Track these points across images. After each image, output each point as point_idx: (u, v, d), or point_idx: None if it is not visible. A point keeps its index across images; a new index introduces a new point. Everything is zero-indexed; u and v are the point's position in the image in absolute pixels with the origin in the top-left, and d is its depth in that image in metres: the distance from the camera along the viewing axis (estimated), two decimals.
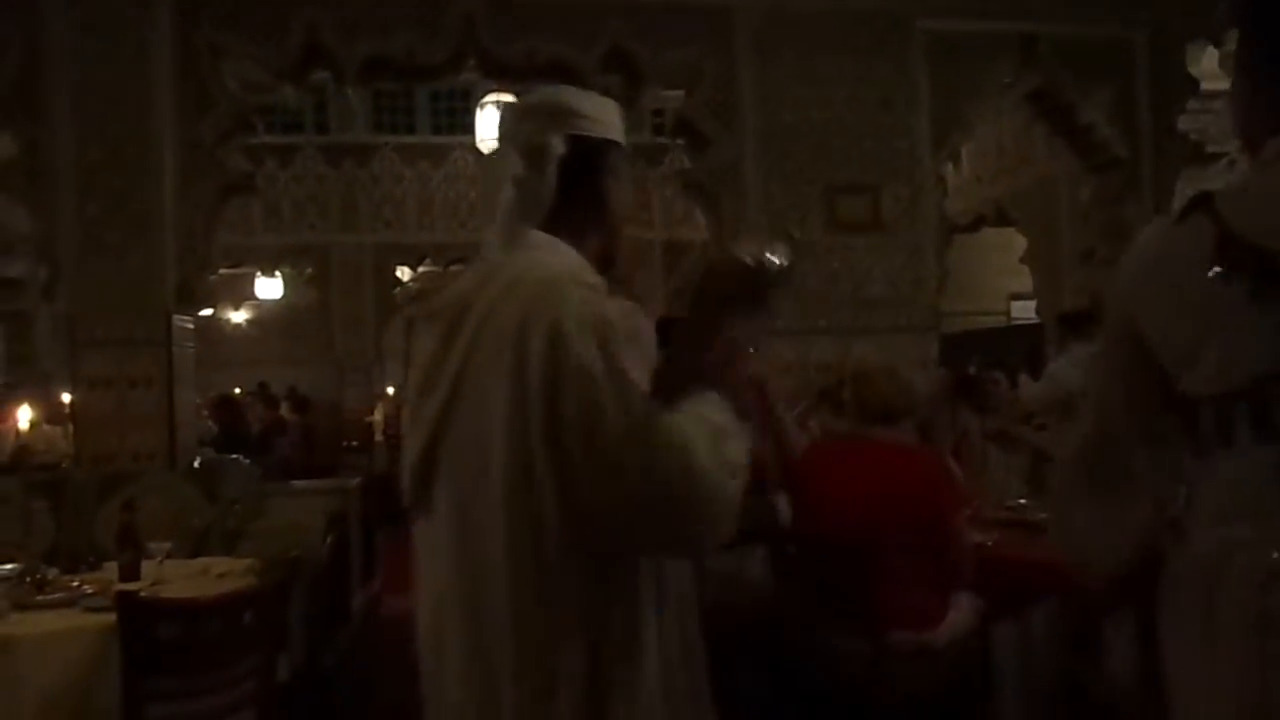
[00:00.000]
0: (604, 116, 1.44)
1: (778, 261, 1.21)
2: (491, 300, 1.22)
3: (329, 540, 4.08)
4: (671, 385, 1.17)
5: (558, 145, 1.34)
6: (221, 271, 11.46)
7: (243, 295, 12.94)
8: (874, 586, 2.50)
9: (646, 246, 10.29)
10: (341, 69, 4.31)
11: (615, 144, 1.44)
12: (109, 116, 3.98)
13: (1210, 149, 5.07)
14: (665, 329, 1.36)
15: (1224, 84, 4.89)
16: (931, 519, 2.54)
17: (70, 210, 3.96)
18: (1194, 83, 4.96)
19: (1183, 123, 5.02)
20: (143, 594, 2.36)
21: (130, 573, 2.75)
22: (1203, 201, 1.16)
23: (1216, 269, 1.10)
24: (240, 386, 10.97)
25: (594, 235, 1.38)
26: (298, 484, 4.64)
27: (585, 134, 1.38)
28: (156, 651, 2.10)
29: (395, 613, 5.58)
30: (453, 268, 11.79)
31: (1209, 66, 4.92)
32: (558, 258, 1.29)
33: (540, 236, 1.31)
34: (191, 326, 4.19)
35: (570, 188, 1.34)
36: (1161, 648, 1.17)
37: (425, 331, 1.31)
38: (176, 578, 2.77)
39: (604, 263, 1.37)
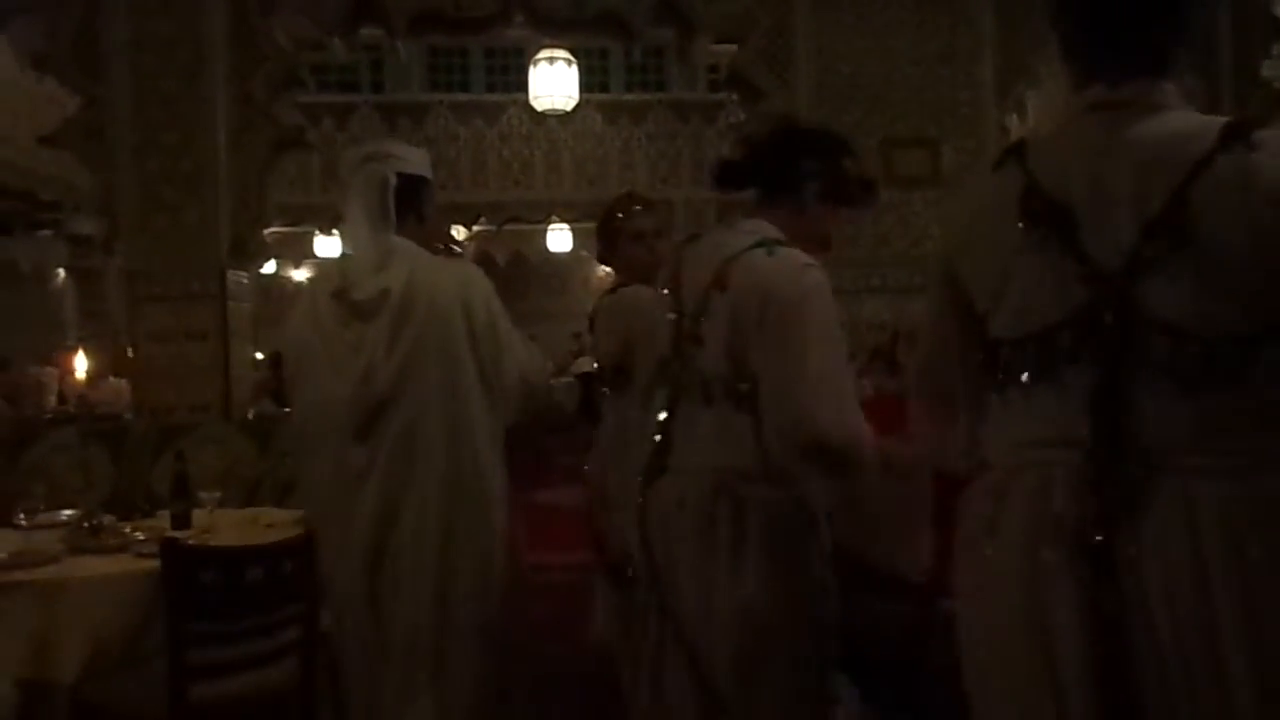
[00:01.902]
0: (419, 158, 2.34)
1: None
2: (427, 281, 2.15)
3: None
4: None
5: (392, 179, 2.20)
6: (281, 230, 11.69)
7: (303, 253, 13.13)
8: None
9: (703, 205, 10.17)
10: (391, 23, 4.29)
11: (426, 179, 2.32)
12: (165, 73, 4.02)
13: None
14: None
15: None
16: None
17: (129, 167, 4.03)
18: (1279, 25, 4.69)
19: (1266, 69, 4.75)
20: (189, 541, 2.41)
21: (181, 521, 2.81)
22: (1016, 150, 1.19)
23: (1020, 219, 1.14)
24: None
25: (416, 236, 2.22)
26: None
27: (408, 172, 2.24)
28: (199, 597, 2.14)
29: None
30: (507, 226, 11.82)
31: None
32: (414, 248, 2.21)
33: (400, 239, 2.19)
34: (246, 281, 4.25)
35: (401, 205, 2.20)
36: (955, 567, 1.24)
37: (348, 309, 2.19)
38: (226, 526, 2.82)
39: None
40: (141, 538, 2.59)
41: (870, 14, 4.49)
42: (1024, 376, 1.15)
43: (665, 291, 1.87)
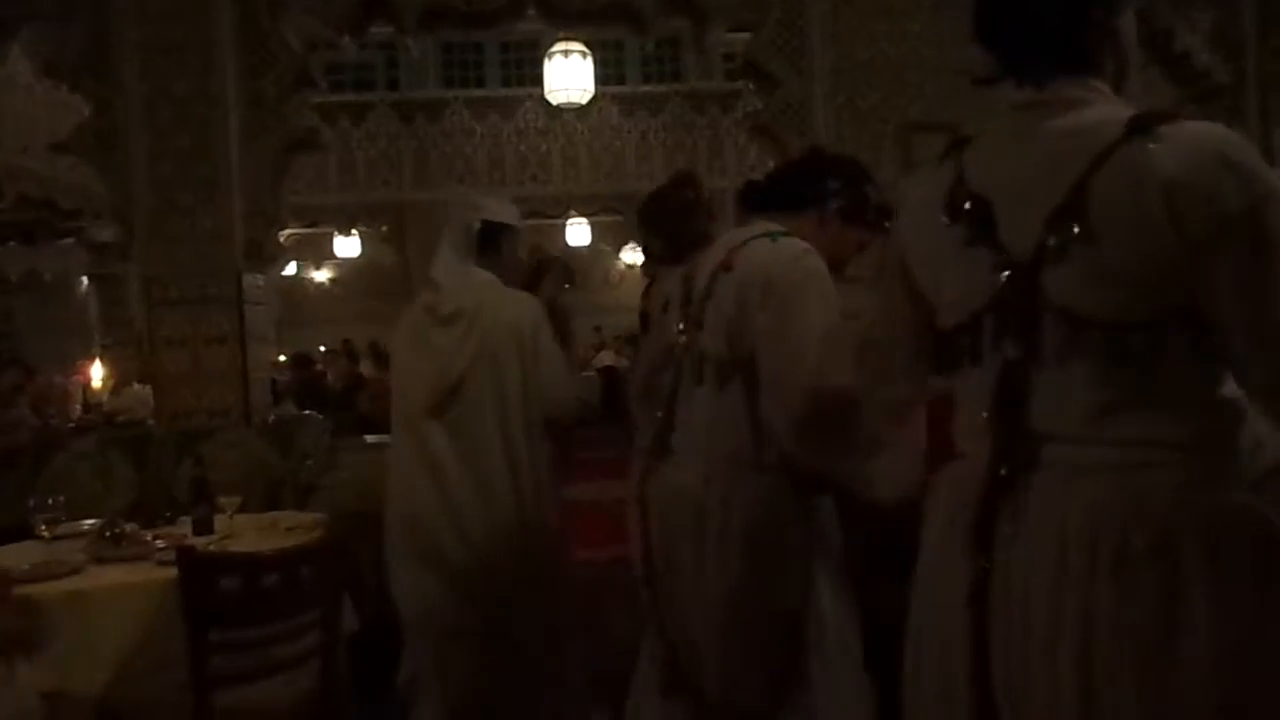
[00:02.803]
0: (504, 209, 2.79)
1: None
2: (493, 303, 2.64)
3: None
4: None
5: (475, 225, 2.70)
6: (300, 230, 11.75)
7: (323, 254, 13.20)
8: None
9: (719, 195, 10.11)
10: (401, 19, 4.26)
11: (508, 225, 2.77)
12: (175, 76, 4.01)
13: None
14: None
15: None
16: None
17: (142, 172, 4.02)
18: None
19: None
20: (209, 548, 2.40)
21: (203, 527, 2.80)
22: (959, 145, 1.25)
23: (947, 212, 1.20)
24: (325, 344, 11.23)
25: (494, 267, 2.71)
26: (370, 438, 4.69)
27: (490, 219, 2.72)
28: (218, 604, 2.13)
29: None
30: (527, 221, 11.84)
31: None
32: (489, 278, 2.69)
33: (479, 270, 2.69)
34: (262, 284, 4.24)
35: (483, 244, 2.70)
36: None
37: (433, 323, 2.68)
38: (246, 531, 2.82)
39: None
40: (162, 545, 2.59)
41: None
42: (959, 365, 1.21)
43: (680, 287, 1.99)
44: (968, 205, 1.19)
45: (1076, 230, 1.08)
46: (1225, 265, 1.04)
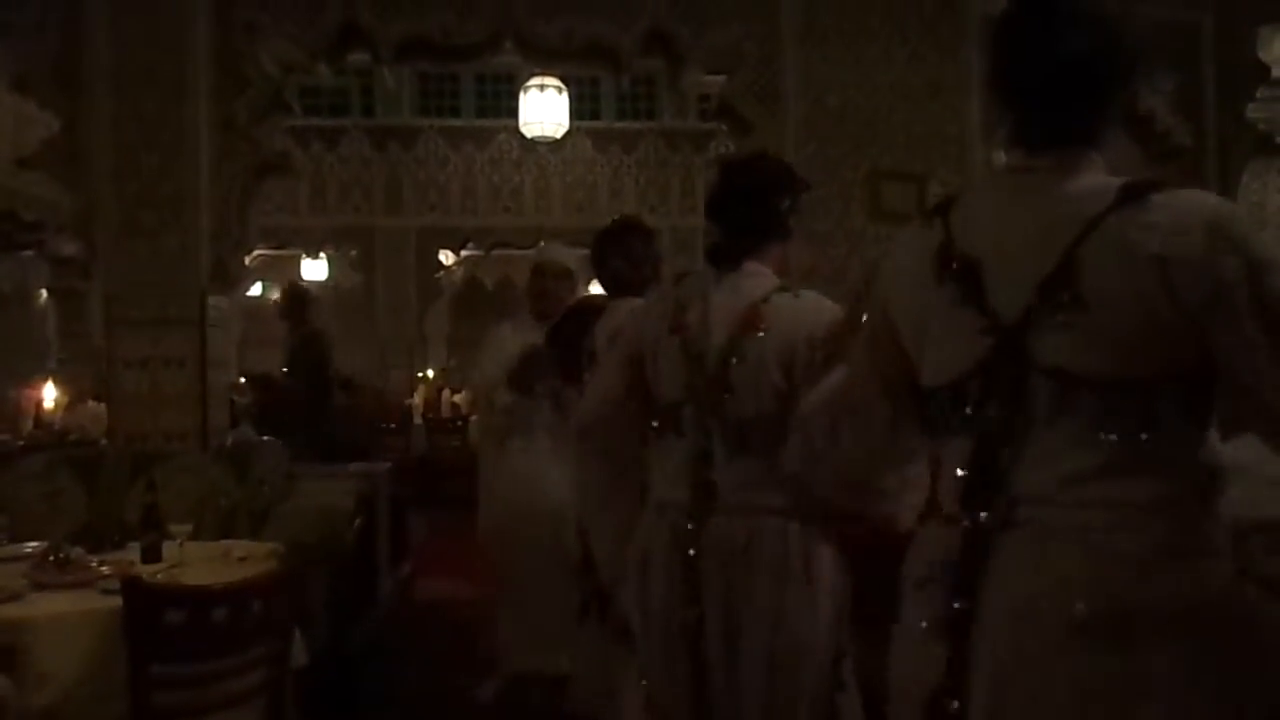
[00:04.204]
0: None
1: None
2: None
3: (356, 523, 4.07)
4: None
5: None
6: (267, 253, 11.63)
7: (290, 277, 13.08)
8: None
9: (690, 234, 10.17)
10: (378, 49, 4.26)
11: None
12: (146, 95, 3.98)
13: (1278, 140, 4.83)
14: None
15: None
16: None
17: (108, 190, 3.98)
18: (1264, 69, 4.72)
19: (1251, 111, 4.78)
20: (156, 577, 2.34)
21: (152, 554, 2.73)
22: (944, 208, 1.26)
23: (936, 273, 1.21)
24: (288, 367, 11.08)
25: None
26: (329, 466, 4.63)
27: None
28: (163, 638, 2.07)
29: (429, 596, 5.59)
30: (496, 252, 11.80)
31: (1279, 52, 4.68)
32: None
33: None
34: (226, 307, 4.19)
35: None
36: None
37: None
38: (197, 560, 2.75)
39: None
40: (107, 572, 2.52)
41: (858, 48, 4.50)
42: (942, 426, 1.22)
43: (672, 334, 1.91)
44: (956, 266, 1.19)
45: (1067, 297, 1.09)
46: (1230, 334, 1.05)
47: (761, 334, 1.80)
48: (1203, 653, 1.05)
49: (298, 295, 6.54)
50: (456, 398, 11.85)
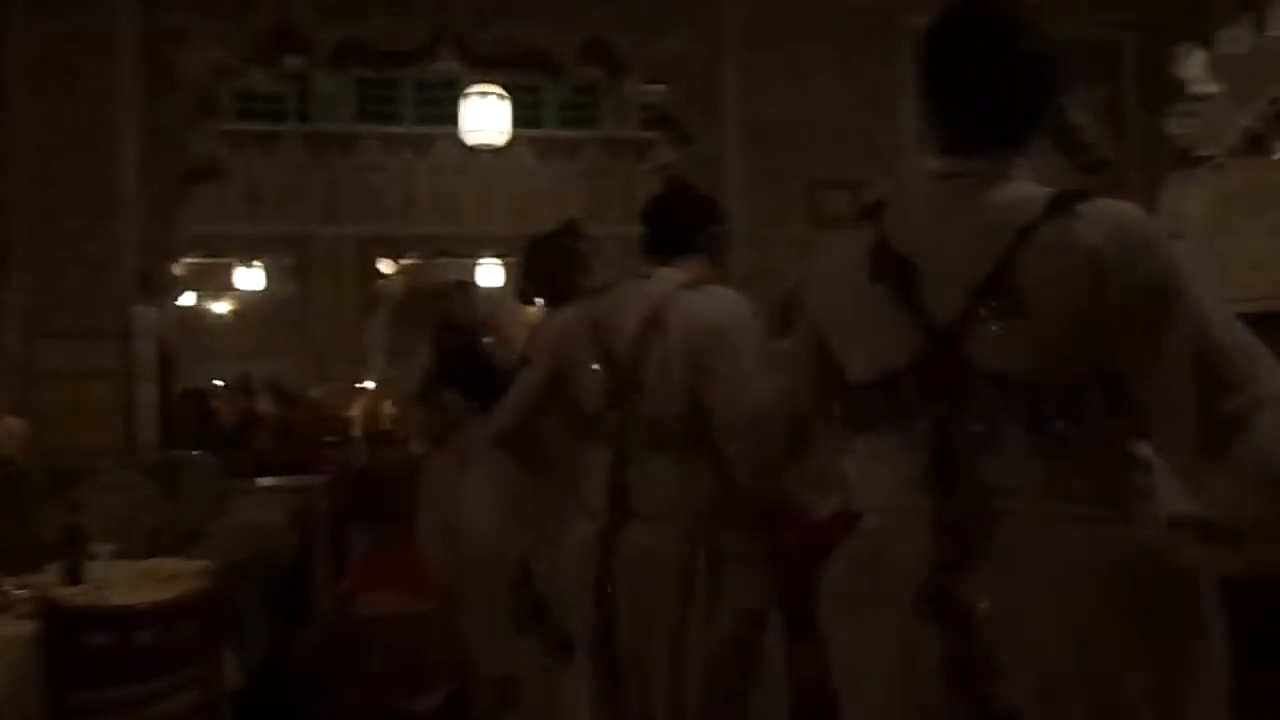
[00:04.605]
0: None
1: None
2: None
3: (292, 540, 3.98)
4: None
5: None
6: (200, 261, 11.36)
7: (223, 285, 12.79)
8: None
9: (633, 243, 10.18)
10: (313, 53, 4.19)
11: None
12: (69, 100, 3.86)
13: (1197, 152, 5.00)
14: None
15: (1213, 86, 4.86)
16: None
17: (27, 195, 3.83)
18: (1181, 85, 4.88)
19: (1170, 125, 4.94)
20: (77, 599, 2.25)
21: (73, 575, 2.63)
22: (876, 210, 1.29)
23: (870, 273, 1.23)
24: (223, 378, 10.82)
25: None
26: (263, 481, 4.52)
27: None
28: (85, 663, 1.99)
29: (370, 612, 5.49)
30: (436, 260, 11.68)
31: (1197, 68, 4.84)
32: None
33: None
34: (154, 318, 4.07)
35: None
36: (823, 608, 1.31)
37: None
38: (122, 581, 2.65)
39: None
40: (24, 595, 2.41)
41: (796, 59, 4.55)
42: (875, 423, 1.23)
43: (590, 343, 1.92)
44: (890, 266, 1.21)
45: (1003, 301, 1.13)
46: (1147, 337, 1.10)
47: (666, 331, 1.81)
48: (1167, 630, 1.11)
49: None
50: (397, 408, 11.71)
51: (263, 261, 11.63)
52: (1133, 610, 1.10)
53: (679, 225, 1.99)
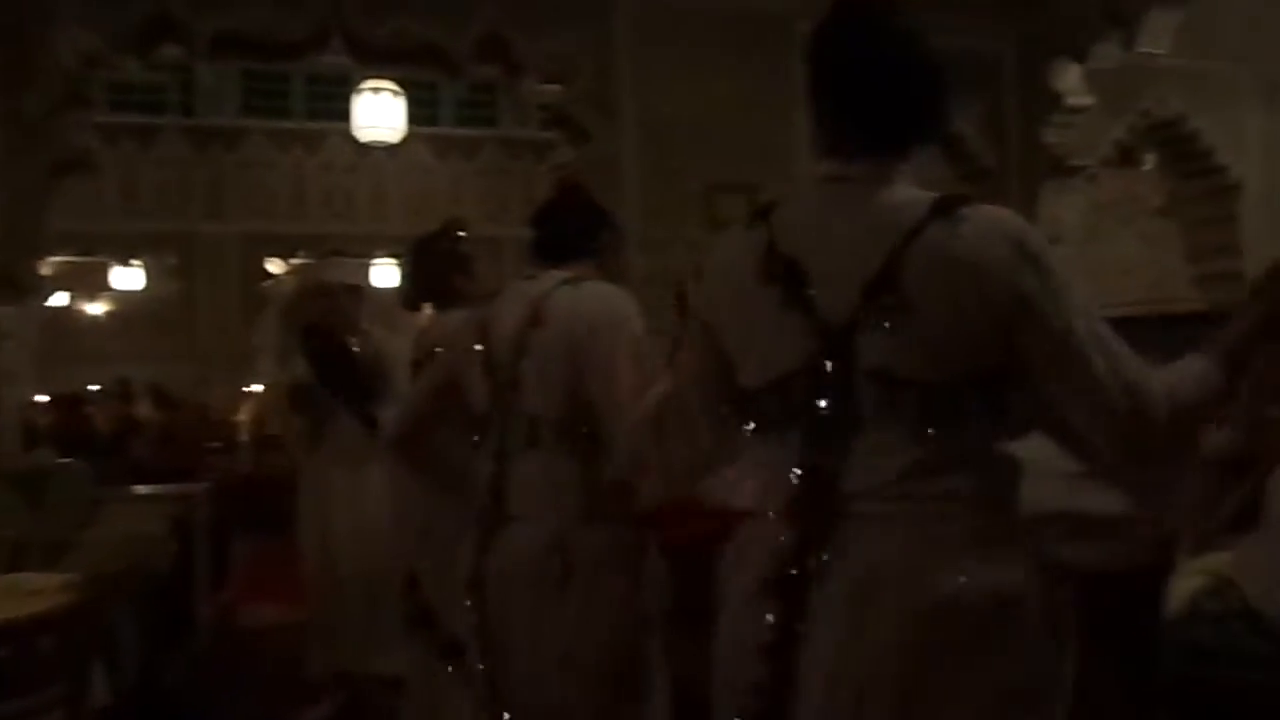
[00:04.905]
0: None
1: None
2: None
3: (171, 549, 3.81)
4: None
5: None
6: (72, 259, 10.78)
7: (99, 286, 12.17)
8: None
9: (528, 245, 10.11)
10: (192, 43, 4.00)
11: None
12: None
13: (1072, 162, 5.24)
14: None
15: (1087, 99, 5.11)
16: None
17: None
18: (1058, 96, 5.11)
19: (1047, 135, 5.17)
20: None
21: None
22: (765, 212, 1.30)
23: (760, 275, 1.24)
24: (100, 383, 10.29)
25: None
26: (140, 489, 4.31)
27: None
28: None
29: (253, 623, 5.29)
30: (331, 260, 11.35)
31: (1072, 82, 5.07)
32: None
33: None
34: (15, 319, 3.83)
35: None
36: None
37: None
38: None
39: None
40: None
41: (690, 59, 4.58)
42: (768, 424, 1.24)
43: (478, 346, 1.89)
44: (780, 268, 1.23)
45: (890, 301, 1.16)
46: (1029, 342, 1.16)
47: (545, 328, 1.80)
48: (1009, 641, 1.14)
49: None
50: None
51: (142, 260, 11.11)
52: (981, 618, 1.12)
53: (568, 230, 1.98)
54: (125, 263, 11.10)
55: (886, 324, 1.16)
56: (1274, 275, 1.26)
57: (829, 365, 1.18)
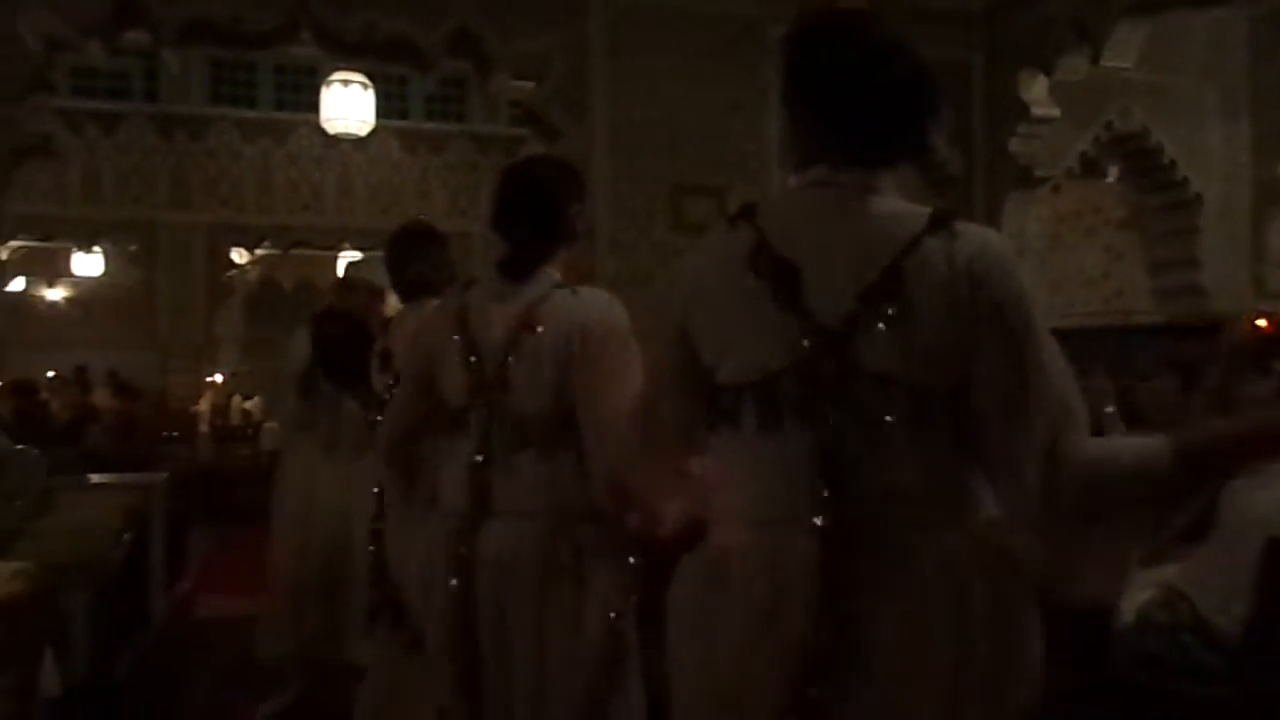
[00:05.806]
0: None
1: None
2: None
3: (125, 539, 3.75)
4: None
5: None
6: (31, 244, 10.58)
7: (58, 272, 11.96)
8: None
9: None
10: (158, 30, 3.96)
11: None
12: None
13: (1038, 172, 5.32)
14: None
15: (1054, 110, 5.19)
16: None
17: None
18: (1025, 107, 5.19)
19: (1013, 145, 5.25)
20: None
21: None
22: (749, 212, 1.30)
23: (749, 273, 1.24)
24: (55, 369, 10.11)
25: None
26: (95, 478, 4.24)
27: None
28: None
29: (211, 614, 5.23)
30: (294, 251, 11.25)
31: (1039, 93, 5.16)
32: None
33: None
34: None
35: None
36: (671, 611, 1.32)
37: None
38: None
39: None
40: None
41: (662, 63, 4.61)
42: (748, 425, 1.23)
43: (455, 338, 1.88)
44: (772, 268, 1.23)
45: (892, 308, 1.18)
46: (989, 349, 1.19)
47: (539, 331, 1.81)
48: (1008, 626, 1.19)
49: None
50: (248, 404, 11.20)
51: (104, 247, 10.93)
52: (991, 609, 1.16)
53: (544, 222, 1.93)
54: (87, 249, 10.93)
55: (886, 330, 1.17)
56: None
57: (821, 367, 1.19)
